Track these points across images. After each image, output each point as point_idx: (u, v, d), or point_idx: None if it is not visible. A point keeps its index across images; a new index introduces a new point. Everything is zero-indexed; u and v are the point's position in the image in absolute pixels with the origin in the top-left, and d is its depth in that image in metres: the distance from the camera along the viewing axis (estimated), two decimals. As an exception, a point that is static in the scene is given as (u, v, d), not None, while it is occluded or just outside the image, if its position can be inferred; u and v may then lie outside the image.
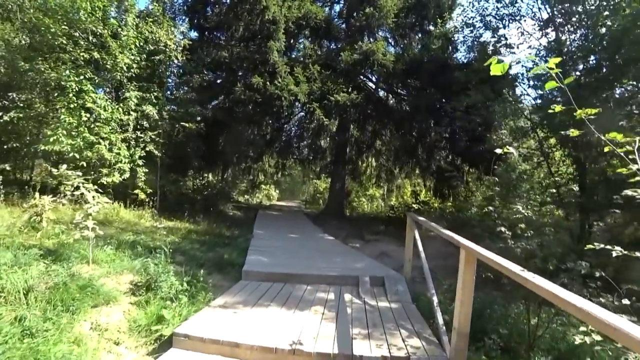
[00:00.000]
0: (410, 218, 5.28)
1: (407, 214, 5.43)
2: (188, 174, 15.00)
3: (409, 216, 5.32)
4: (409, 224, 5.37)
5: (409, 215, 5.35)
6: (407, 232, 5.43)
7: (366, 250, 8.33)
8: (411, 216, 5.23)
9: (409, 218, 5.34)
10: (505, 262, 2.35)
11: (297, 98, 9.69)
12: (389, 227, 12.31)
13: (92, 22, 9.46)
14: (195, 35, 13.55)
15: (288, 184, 40.36)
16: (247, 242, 7.56)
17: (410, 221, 5.30)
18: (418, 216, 5.09)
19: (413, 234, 5.22)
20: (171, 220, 9.89)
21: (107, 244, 5.48)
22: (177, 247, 6.68)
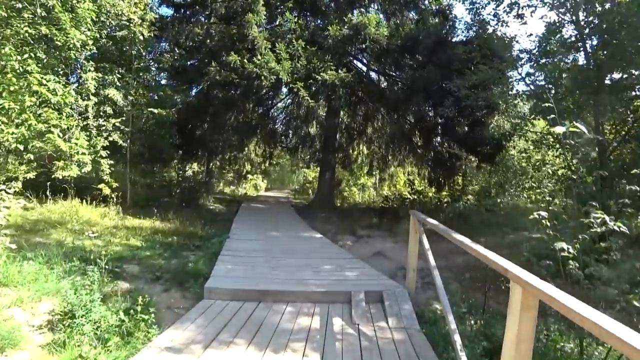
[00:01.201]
0: (415, 219, 4.27)
1: (411, 214, 4.41)
2: (167, 165, 13.81)
3: (414, 216, 4.31)
4: (413, 226, 4.37)
5: (413, 215, 4.34)
6: (411, 237, 4.43)
7: (359, 249, 7.34)
8: (416, 216, 4.22)
9: (413, 218, 4.33)
10: (591, 312, 1.35)
11: (279, 77, 8.52)
12: (382, 219, 11.35)
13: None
14: (169, 12, 12.22)
15: (277, 174, 39.30)
16: (221, 243, 6.50)
17: (415, 223, 4.29)
18: (426, 216, 4.06)
19: (418, 239, 4.22)
20: (139, 217, 8.76)
21: (36, 257, 4.37)
22: (134, 253, 5.60)
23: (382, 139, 16.52)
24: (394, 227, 10.45)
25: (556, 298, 1.52)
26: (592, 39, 7.51)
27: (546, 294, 1.59)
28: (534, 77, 8.52)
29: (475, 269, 6.60)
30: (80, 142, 8.53)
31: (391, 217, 11.58)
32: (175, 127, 12.82)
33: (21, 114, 7.43)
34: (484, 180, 15.00)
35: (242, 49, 9.32)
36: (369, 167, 16.89)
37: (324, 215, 11.97)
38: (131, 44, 9.69)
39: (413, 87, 9.16)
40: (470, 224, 11.33)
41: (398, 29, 9.59)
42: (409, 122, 10.70)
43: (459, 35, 11.03)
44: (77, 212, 8.01)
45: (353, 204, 16.99)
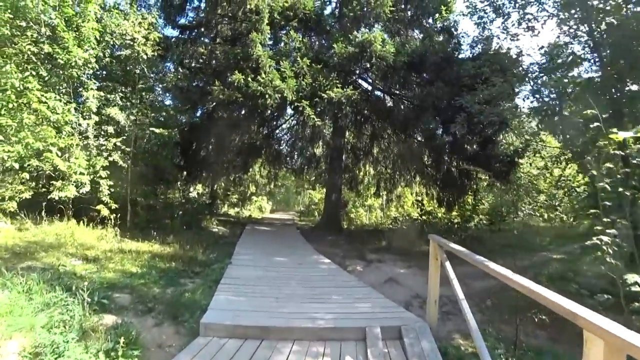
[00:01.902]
0: (435, 244, 3.84)
1: (431, 238, 3.98)
2: (171, 186, 13.54)
3: (434, 241, 3.87)
4: (433, 252, 3.92)
5: (433, 240, 3.90)
6: (431, 264, 3.98)
7: (369, 275, 6.85)
8: (437, 241, 3.78)
9: (433, 243, 3.90)
10: None
11: (284, 95, 8.28)
12: (392, 242, 10.87)
13: (42, 11, 8.08)
14: (175, 33, 12.21)
15: (283, 195, 38.99)
16: (222, 270, 6.06)
17: (435, 248, 3.85)
18: (448, 241, 3.63)
19: (440, 266, 3.77)
20: (137, 240, 8.37)
21: (14, 285, 3.95)
22: (127, 280, 5.17)
23: (388, 159, 16.18)
24: (405, 251, 9.94)
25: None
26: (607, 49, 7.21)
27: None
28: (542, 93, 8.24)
29: (498, 296, 6.09)
30: (79, 161, 8.28)
31: (401, 240, 11.09)
32: (179, 147, 12.64)
33: (19, 131, 7.21)
34: (495, 199, 14.51)
35: (246, 68, 9.14)
36: (376, 188, 16.45)
37: (331, 238, 11.51)
38: (135, 63, 9.58)
39: (422, 105, 8.87)
40: (484, 245, 10.80)
41: (404, 46, 9.39)
42: (417, 141, 10.36)
43: (465, 52, 10.87)
44: (72, 234, 7.64)
45: (360, 225, 16.51)
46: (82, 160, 8.35)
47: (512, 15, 8.68)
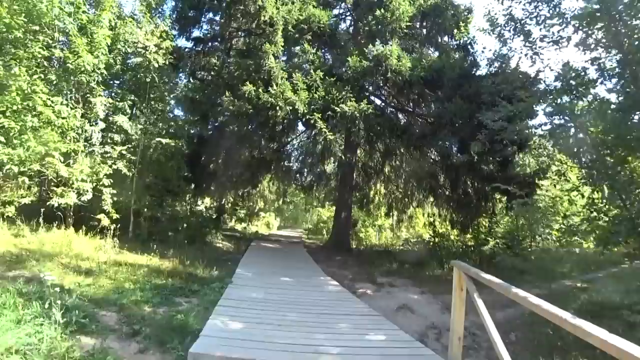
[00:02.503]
0: (460, 272, 3.35)
1: (455, 266, 3.50)
2: (177, 198, 13.25)
3: (459, 269, 3.39)
4: (457, 282, 3.43)
5: (458, 268, 3.42)
6: (456, 295, 3.48)
7: (380, 301, 6.30)
8: (462, 269, 3.30)
9: (458, 272, 3.41)
10: None
11: (296, 108, 7.99)
12: (403, 264, 10.29)
13: (57, 16, 8.01)
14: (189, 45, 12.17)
15: (291, 212, 38.59)
16: (221, 290, 5.61)
17: (460, 278, 3.36)
18: (478, 270, 3.15)
19: (465, 298, 3.28)
20: (137, 253, 8.00)
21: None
22: (117, 297, 4.76)
23: (400, 178, 15.72)
24: (417, 274, 9.36)
25: None
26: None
27: None
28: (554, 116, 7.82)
29: (523, 329, 5.49)
30: (82, 168, 8.04)
31: (413, 262, 10.51)
32: (187, 159, 12.41)
33: (21, 134, 7.01)
34: (511, 222, 13.87)
35: (258, 80, 8.92)
36: (388, 208, 15.93)
37: (339, 258, 10.99)
38: (146, 71, 9.45)
39: (438, 122, 8.49)
40: (501, 271, 10.16)
41: (421, 61, 9.09)
42: (432, 159, 9.91)
43: (482, 69, 10.54)
44: (69, 243, 7.32)
45: (369, 245, 15.91)
46: (85, 167, 8.11)
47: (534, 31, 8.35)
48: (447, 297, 7.15)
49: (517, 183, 9.36)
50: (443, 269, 9.94)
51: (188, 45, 11.84)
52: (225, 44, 12.59)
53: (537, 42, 7.88)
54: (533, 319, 5.71)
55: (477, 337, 4.96)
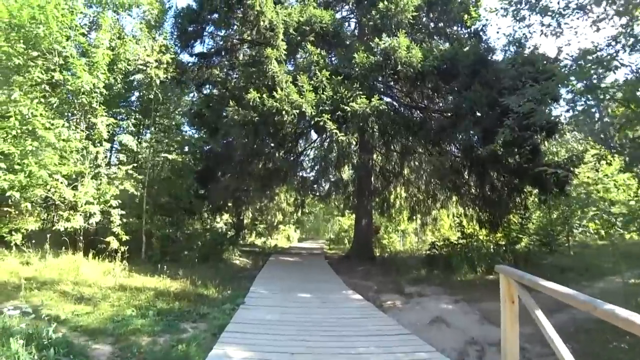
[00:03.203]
0: (508, 280, 2.70)
1: (501, 272, 2.85)
2: (191, 216, 12.96)
3: (506, 275, 2.74)
4: (506, 291, 2.77)
5: (504, 274, 2.77)
6: (505, 308, 2.83)
7: (410, 314, 5.63)
8: (511, 275, 2.66)
9: (505, 279, 2.76)
10: None
11: (303, 110, 7.51)
12: (431, 270, 9.54)
13: (55, 40, 7.87)
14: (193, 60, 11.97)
15: (312, 223, 38.09)
16: (232, 312, 5.09)
17: (510, 286, 2.71)
18: (531, 275, 2.50)
19: (516, 311, 2.63)
20: (147, 275, 7.62)
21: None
22: (116, 325, 4.32)
23: (420, 179, 14.96)
24: (448, 280, 8.60)
25: None
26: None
27: None
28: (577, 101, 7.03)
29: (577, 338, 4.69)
30: (88, 190, 7.77)
31: (442, 268, 9.73)
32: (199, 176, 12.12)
33: (22, 159, 6.79)
34: (543, 216, 12.87)
35: (262, 87, 8.51)
36: (410, 212, 15.16)
37: (362, 268, 10.32)
38: (148, 88, 9.23)
39: (457, 113, 7.81)
40: (539, 269, 9.26)
41: (432, 51, 8.49)
42: (453, 155, 9.17)
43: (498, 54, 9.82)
44: (77, 268, 7.00)
45: (394, 252, 15.13)
46: (91, 189, 7.84)
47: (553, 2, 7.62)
48: (484, 305, 6.41)
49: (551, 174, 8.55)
50: (475, 272, 9.14)
51: (192, 61, 11.63)
52: (230, 57, 12.36)
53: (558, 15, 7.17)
54: (591, 326, 4.94)
55: (526, 352, 4.24)
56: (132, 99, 9.58)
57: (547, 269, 9.19)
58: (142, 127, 9.64)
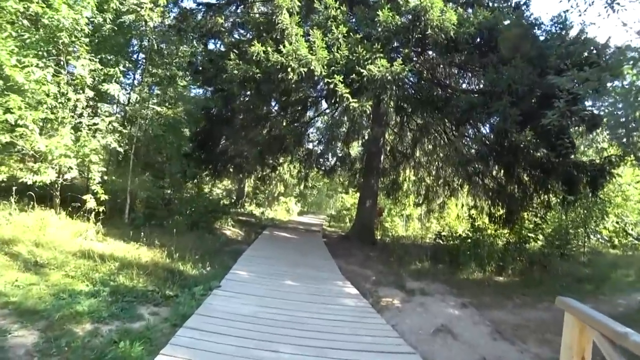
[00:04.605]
0: (581, 322, 1.77)
1: (566, 307, 1.91)
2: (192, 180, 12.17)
3: (579, 318, 1.80)
4: (578, 342, 1.85)
5: (571, 312, 1.84)
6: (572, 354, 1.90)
7: (412, 317, 4.82)
8: (584, 316, 1.73)
9: (574, 321, 1.83)
10: None
11: (311, 69, 6.46)
12: (436, 263, 8.73)
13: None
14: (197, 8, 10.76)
15: (315, 197, 37.46)
16: (203, 296, 4.31)
17: (585, 334, 1.79)
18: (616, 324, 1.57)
19: None
20: (124, 240, 6.88)
21: None
22: (57, 305, 3.56)
23: (433, 164, 13.96)
24: (453, 277, 7.79)
25: None
26: None
27: None
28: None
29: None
30: (64, 141, 6.90)
31: (447, 261, 8.92)
32: (196, 136, 11.24)
33: (-17, 101, 5.90)
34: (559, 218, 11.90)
35: (270, 40, 7.42)
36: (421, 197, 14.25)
37: (361, 252, 9.53)
38: (142, 33, 8.18)
39: (492, 90, 6.71)
40: (552, 276, 8.44)
41: (469, 18, 7.28)
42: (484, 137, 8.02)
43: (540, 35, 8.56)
44: (43, 227, 6.25)
45: (396, 237, 14.31)
46: (68, 139, 6.97)
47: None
48: (496, 315, 5.58)
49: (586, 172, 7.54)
50: (484, 272, 8.31)
51: (195, 8, 10.44)
52: (241, 10, 11.15)
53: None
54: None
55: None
56: (123, 43, 8.49)
57: (562, 278, 8.37)
58: (133, 77, 8.68)
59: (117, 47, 8.33)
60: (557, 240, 10.02)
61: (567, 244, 10.04)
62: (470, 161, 7.59)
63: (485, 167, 7.32)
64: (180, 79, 8.93)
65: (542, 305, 6.15)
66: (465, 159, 7.50)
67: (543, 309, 5.97)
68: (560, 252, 9.62)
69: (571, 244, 10.41)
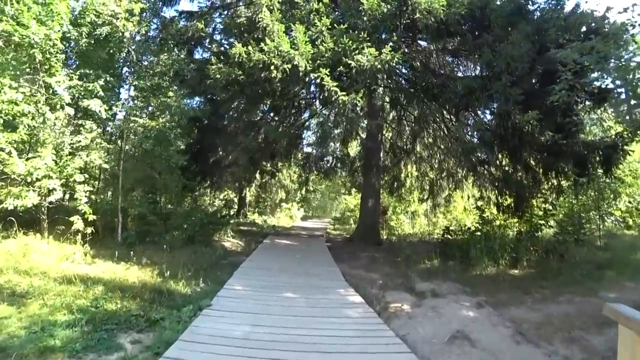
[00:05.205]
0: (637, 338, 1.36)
1: (618, 318, 1.50)
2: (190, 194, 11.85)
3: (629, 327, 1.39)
4: (628, 353, 1.44)
5: (626, 324, 1.42)
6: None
7: (424, 324, 4.39)
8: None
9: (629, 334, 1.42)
10: None
11: (295, 64, 6.09)
12: (446, 260, 8.27)
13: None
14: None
15: (319, 201, 37.11)
16: (192, 317, 3.93)
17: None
18: None
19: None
20: (114, 261, 6.52)
21: None
22: (27, 339, 3.19)
23: (434, 157, 13.54)
24: (465, 274, 7.33)
25: None
26: None
27: None
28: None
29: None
30: (45, 161, 6.59)
31: (457, 257, 8.45)
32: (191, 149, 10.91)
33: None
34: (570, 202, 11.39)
35: (252, 40, 7.08)
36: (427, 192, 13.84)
37: (366, 255, 9.12)
38: (119, 45, 7.87)
39: (489, 72, 6.31)
40: (570, 265, 7.95)
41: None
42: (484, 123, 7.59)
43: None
44: (26, 254, 5.91)
45: (402, 235, 13.87)
46: (49, 160, 6.66)
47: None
48: (515, 312, 5.11)
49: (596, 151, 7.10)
50: (498, 265, 7.84)
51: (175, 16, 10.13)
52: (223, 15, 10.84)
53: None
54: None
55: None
56: (106, 57, 8.19)
57: (580, 266, 7.88)
58: (115, 90, 8.37)
59: (99, 61, 8.02)
60: (570, 226, 9.55)
61: (580, 228, 9.56)
62: (474, 149, 7.15)
63: (490, 153, 6.86)
64: (166, 89, 8.62)
65: (564, 298, 5.69)
66: (469, 147, 7.06)
67: (566, 302, 5.52)
68: (574, 238, 9.14)
69: (585, 228, 9.93)
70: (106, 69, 8.06)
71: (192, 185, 12.21)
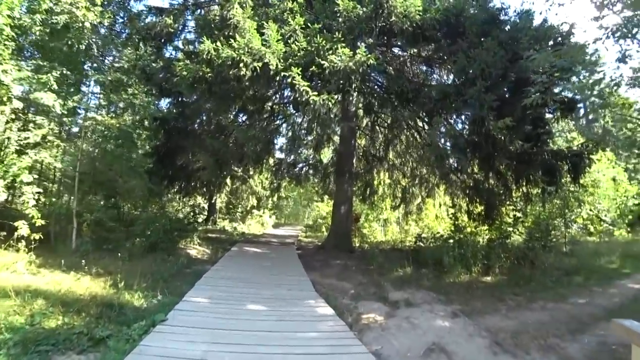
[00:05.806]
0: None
1: (629, 335, 1.30)
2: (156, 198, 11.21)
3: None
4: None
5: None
6: None
7: (398, 336, 4.15)
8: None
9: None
10: None
11: (266, 62, 5.81)
12: (419, 268, 8.14)
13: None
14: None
15: (291, 208, 36.64)
16: (143, 335, 3.50)
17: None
18: None
19: None
20: (64, 270, 5.91)
21: None
22: None
23: (407, 164, 13.58)
24: (439, 282, 7.22)
25: None
26: None
27: None
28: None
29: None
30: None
31: (430, 264, 8.35)
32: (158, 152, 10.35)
33: None
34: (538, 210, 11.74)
35: (222, 37, 6.73)
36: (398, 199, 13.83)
37: (338, 262, 8.85)
38: (79, 35, 7.30)
39: (464, 78, 6.27)
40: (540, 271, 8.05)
41: (434, 2, 6.89)
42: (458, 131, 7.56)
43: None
44: (-42, 265, 5.24)
45: (374, 243, 13.74)
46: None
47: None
48: (490, 321, 4.99)
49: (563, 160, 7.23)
50: (470, 273, 7.80)
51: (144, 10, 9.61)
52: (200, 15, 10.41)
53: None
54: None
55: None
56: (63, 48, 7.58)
57: (549, 272, 8.00)
58: (75, 85, 7.76)
59: (58, 53, 7.41)
60: (537, 233, 9.74)
61: (548, 235, 9.77)
62: (447, 155, 7.09)
63: (464, 160, 6.81)
64: (129, 86, 8.10)
65: (537, 305, 5.66)
66: (442, 153, 6.98)
67: (539, 309, 5.48)
68: (542, 245, 9.31)
69: (551, 235, 10.17)
70: (65, 61, 7.46)
71: (159, 190, 11.61)
